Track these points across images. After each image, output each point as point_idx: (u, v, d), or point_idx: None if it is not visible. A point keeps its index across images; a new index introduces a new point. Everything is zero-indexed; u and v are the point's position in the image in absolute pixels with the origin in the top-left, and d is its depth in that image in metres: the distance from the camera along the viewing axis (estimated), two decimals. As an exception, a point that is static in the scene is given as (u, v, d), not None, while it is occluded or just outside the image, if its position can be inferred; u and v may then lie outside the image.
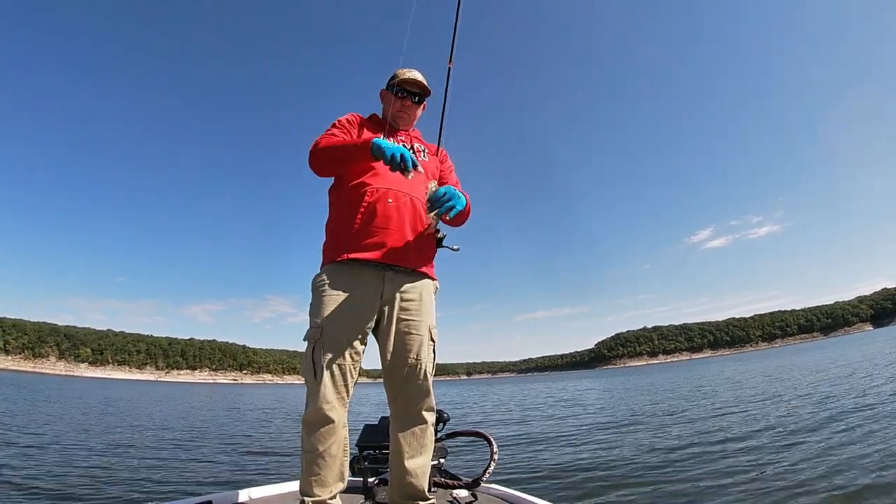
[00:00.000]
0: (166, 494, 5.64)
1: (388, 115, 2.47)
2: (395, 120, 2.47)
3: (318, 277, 2.18)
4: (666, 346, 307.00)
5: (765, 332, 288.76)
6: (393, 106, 2.44)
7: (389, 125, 2.45)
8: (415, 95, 2.45)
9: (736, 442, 7.08)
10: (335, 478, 2.01)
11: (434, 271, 2.39)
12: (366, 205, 2.17)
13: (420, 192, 2.28)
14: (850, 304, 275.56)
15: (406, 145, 2.39)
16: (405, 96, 2.43)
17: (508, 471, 6.39)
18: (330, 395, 1.99)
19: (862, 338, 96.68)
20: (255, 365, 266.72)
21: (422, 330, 2.22)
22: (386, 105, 2.51)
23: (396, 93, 2.42)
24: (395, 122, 2.47)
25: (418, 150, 2.45)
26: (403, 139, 2.45)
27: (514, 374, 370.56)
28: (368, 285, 2.15)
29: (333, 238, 2.24)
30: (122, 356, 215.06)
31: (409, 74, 2.42)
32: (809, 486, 4.65)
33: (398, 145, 2.05)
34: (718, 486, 4.99)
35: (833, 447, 6.04)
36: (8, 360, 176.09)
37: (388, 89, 2.46)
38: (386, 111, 2.51)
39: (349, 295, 2.11)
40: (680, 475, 5.55)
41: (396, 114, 2.45)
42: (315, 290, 2.16)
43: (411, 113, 2.49)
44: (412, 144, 2.45)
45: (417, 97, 2.46)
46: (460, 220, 2.44)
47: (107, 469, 6.92)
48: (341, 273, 2.14)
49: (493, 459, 2.59)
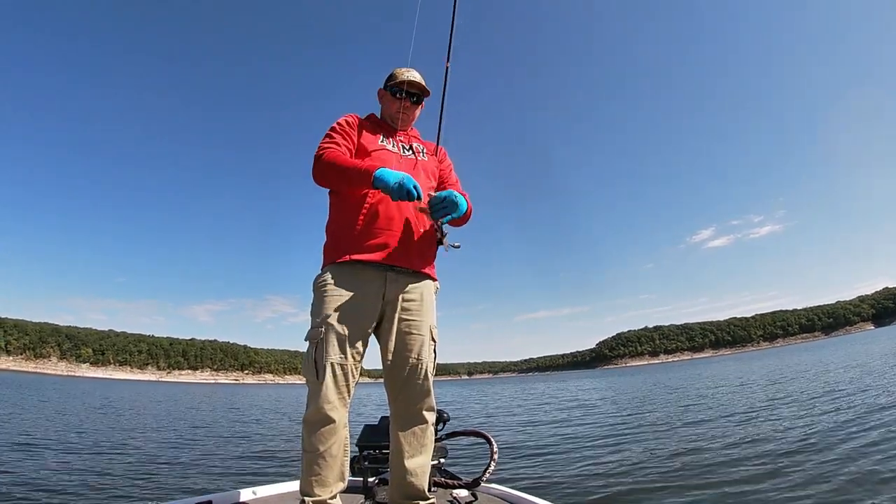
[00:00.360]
0: (166, 494, 5.66)
1: (388, 116, 2.49)
2: (393, 120, 2.48)
3: (320, 278, 2.17)
4: (667, 346, 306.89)
5: (766, 331, 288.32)
6: (392, 106, 2.46)
7: (388, 125, 2.48)
8: (413, 96, 2.45)
9: (743, 446, 7.02)
10: (336, 477, 2.00)
11: (435, 271, 2.39)
12: (368, 206, 2.18)
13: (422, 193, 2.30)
14: (852, 304, 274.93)
15: (405, 145, 2.43)
16: (404, 97, 2.43)
17: (509, 471, 6.38)
18: (331, 395, 1.98)
19: (864, 337, 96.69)
20: (257, 365, 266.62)
21: (423, 330, 2.22)
22: (384, 105, 2.52)
23: (395, 93, 2.44)
24: (393, 123, 2.48)
25: (417, 150, 2.46)
26: (402, 139, 2.46)
27: (515, 374, 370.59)
28: (370, 286, 2.15)
29: (335, 239, 2.24)
30: (124, 356, 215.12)
31: (407, 75, 2.42)
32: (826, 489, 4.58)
33: (402, 173, 2.08)
34: (723, 491, 4.95)
35: (850, 449, 5.96)
36: (9, 360, 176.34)
37: (386, 89, 2.47)
38: (384, 111, 2.52)
39: (352, 295, 2.10)
40: (683, 476, 5.54)
41: (395, 114, 2.46)
42: (317, 290, 2.16)
43: (410, 114, 2.49)
44: (411, 144, 2.46)
45: (416, 98, 2.47)
46: (461, 222, 2.46)
47: (107, 469, 6.94)
48: (343, 274, 2.14)
49: (493, 459, 2.60)
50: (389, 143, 2.39)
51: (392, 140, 2.42)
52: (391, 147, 2.38)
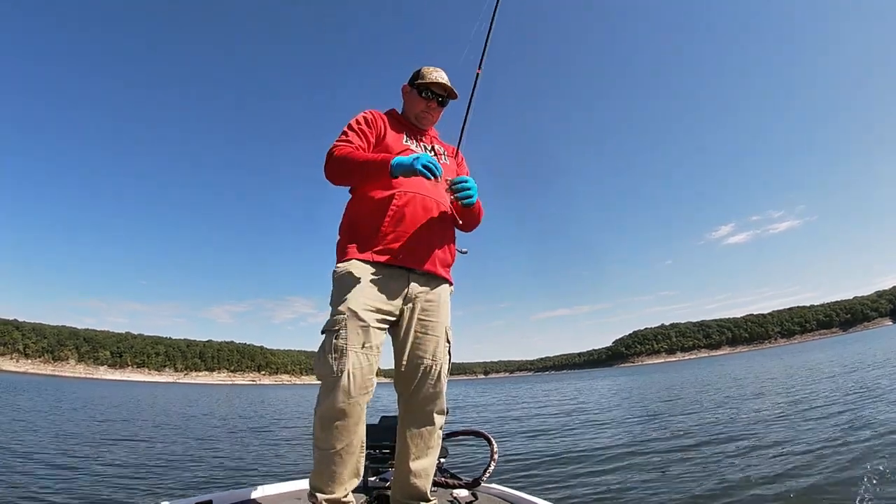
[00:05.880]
0: (167, 493, 5.71)
1: (412, 115, 2.49)
2: (418, 120, 2.48)
3: (342, 268, 2.12)
4: (684, 344, 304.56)
5: (783, 328, 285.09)
6: (417, 106, 2.45)
7: (412, 125, 2.48)
8: (440, 97, 2.45)
9: (744, 446, 6.95)
10: (350, 474, 1.96)
11: (451, 274, 2.38)
12: (395, 208, 2.15)
13: (444, 196, 2.31)
14: (870, 299, 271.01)
15: (427, 146, 2.45)
16: (431, 98, 2.43)
17: (511, 471, 6.36)
18: (353, 388, 1.89)
19: (882, 333, 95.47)
20: (273, 366, 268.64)
21: (438, 331, 2.20)
22: (409, 103, 2.50)
23: (422, 93, 2.42)
24: (418, 122, 2.48)
25: (439, 152, 2.47)
26: (425, 141, 2.48)
27: (532, 373, 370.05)
28: (394, 283, 2.13)
29: (357, 237, 2.20)
30: (141, 358, 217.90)
31: (436, 75, 2.41)
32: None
33: (421, 153, 2.10)
34: (724, 492, 4.88)
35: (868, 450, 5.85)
36: (28, 363, 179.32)
37: (413, 87, 2.45)
38: (408, 110, 2.50)
39: (376, 288, 2.08)
40: (689, 479, 5.47)
41: (421, 114, 2.46)
42: (338, 279, 2.10)
43: (435, 115, 2.50)
44: (433, 146, 2.48)
45: (442, 99, 2.46)
46: (473, 220, 2.45)
47: (110, 468, 7.03)
48: (366, 268, 2.11)
49: (493, 459, 2.59)
50: (413, 144, 2.40)
51: (416, 141, 2.43)
52: (415, 148, 2.39)
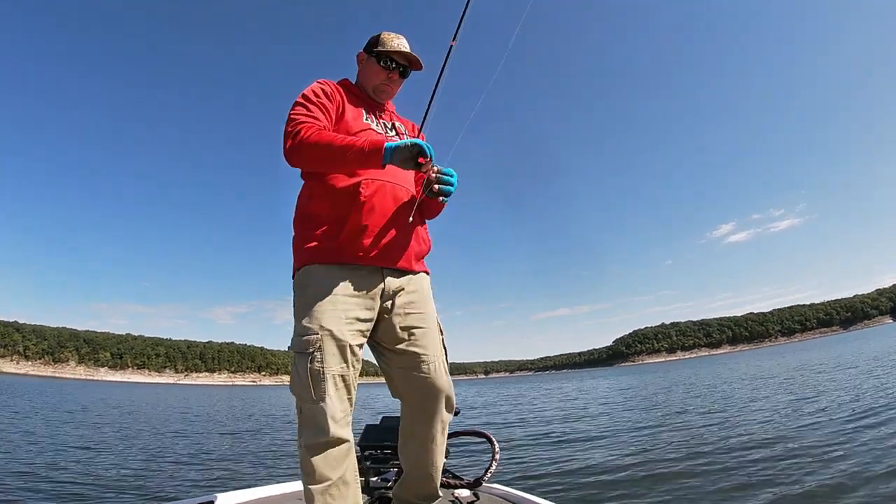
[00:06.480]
0: (169, 494, 5.71)
1: (369, 87, 2.15)
2: (376, 93, 2.15)
3: (306, 275, 1.85)
4: (684, 343, 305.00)
5: (784, 326, 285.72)
6: (377, 76, 2.11)
7: (369, 98, 2.16)
8: (402, 67, 2.12)
9: (745, 445, 6.92)
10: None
11: (425, 263, 2.14)
12: (364, 199, 1.84)
13: (411, 182, 2.04)
14: (870, 297, 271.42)
15: (387, 123, 2.14)
16: (393, 68, 2.10)
17: (513, 471, 6.35)
18: (337, 412, 1.69)
19: (882, 331, 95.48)
20: (274, 367, 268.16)
21: (429, 323, 1.97)
22: (366, 73, 2.15)
23: (382, 62, 2.08)
24: (376, 96, 2.15)
25: (399, 130, 2.16)
26: (384, 117, 2.15)
27: (532, 373, 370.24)
28: (367, 283, 1.85)
29: (320, 235, 1.86)
30: (142, 360, 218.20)
31: (398, 42, 2.09)
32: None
33: (410, 138, 1.84)
34: (727, 492, 4.86)
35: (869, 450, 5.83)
36: (28, 364, 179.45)
37: (371, 55, 2.11)
38: (365, 81, 2.16)
39: (348, 297, 1.80)
40: (691, 479, 5.44)
41: (380, 86, 2.13)
42: (302, 289, 1.84)
43: (395, 87, 2.17)
44: (393, 122, 2.17)
45: (404, 70, 2.14)
46: (436, 213, 2.15)
47: (112, 470, 7.02)
48: (334, 272, 1.82)
49: (494, 459, 2.57)
50: (373, 122, 2.06)
51: (375, 117, 2.10)
52: (376, 126, 2.06)
